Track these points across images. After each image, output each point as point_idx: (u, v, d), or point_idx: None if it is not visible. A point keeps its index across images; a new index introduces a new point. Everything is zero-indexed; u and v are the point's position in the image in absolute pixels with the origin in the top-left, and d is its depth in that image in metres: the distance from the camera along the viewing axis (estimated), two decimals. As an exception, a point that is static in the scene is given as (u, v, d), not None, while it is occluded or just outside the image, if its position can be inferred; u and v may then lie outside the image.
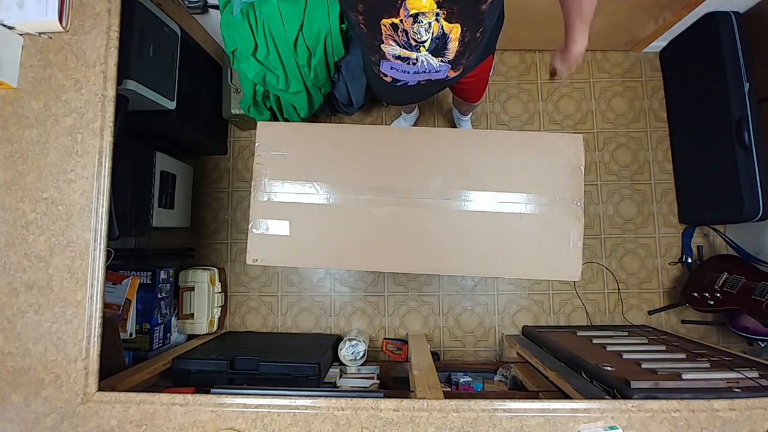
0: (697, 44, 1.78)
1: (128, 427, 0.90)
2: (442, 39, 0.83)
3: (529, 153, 1.27)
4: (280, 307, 1.99)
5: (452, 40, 0.84)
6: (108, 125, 0.99)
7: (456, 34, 0.83)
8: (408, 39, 0.83)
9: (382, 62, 0.95)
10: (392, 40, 0.85)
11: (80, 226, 0.96)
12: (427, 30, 0.80)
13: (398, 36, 0.83)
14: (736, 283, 1.62)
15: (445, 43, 0.85)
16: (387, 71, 0.98)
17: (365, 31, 0.85)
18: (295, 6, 1.33)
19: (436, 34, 0.81)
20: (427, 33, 0.81)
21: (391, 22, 0.79)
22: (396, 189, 1.25)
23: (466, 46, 0.88)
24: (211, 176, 2.07)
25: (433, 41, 0.83)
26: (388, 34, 0.83)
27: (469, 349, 1.93)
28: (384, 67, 0.97)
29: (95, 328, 0.94)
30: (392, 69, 0.96)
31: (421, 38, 0.82)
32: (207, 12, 1.64)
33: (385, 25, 0.81)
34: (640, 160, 2.00)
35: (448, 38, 0.83)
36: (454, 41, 0.85)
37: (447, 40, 0.84)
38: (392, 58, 0.91)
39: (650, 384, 1.08)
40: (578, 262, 1.23)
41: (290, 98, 1.57)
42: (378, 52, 0.91)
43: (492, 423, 0.87)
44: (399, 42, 0.85)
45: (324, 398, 0.91)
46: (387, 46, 0.87)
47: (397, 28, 0.80)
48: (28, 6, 0.99)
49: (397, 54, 0.89)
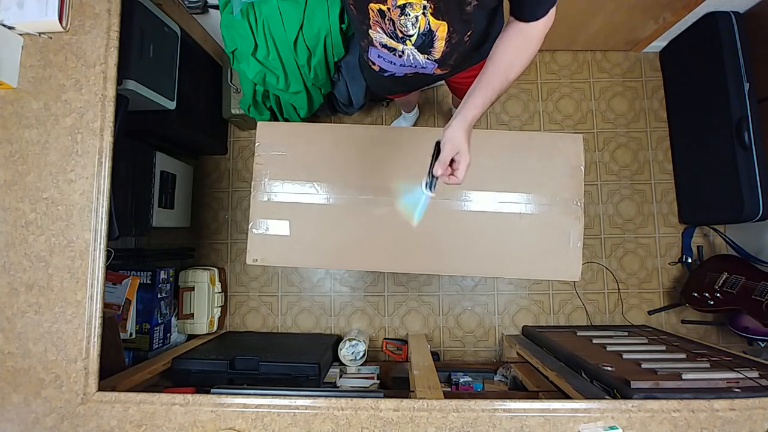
0: (697, 44, 1.78)
1: (128, 427, 0.90)
2: (428, 36, 0.82)
3: (529, 153, 1.27)
4: (280, 307, 1.99)
5: (439, 39, 0.83)
6: (108, 125, 0.99)
7: (443, 33, 0.81)
8: (395, 29, 0.82)
9: (371, 49, 0.94)
10: (379, 27, 0.84)
11: (80, 226, 0.96)
12: (413, 24, 0.79)
13: (385, 24, 0.82)
14: (736, 283, 1.62)
15: (431, 41, 0.83)
16: (375, 59, 0.98)
17: (355, 13, 0.84)
18: (295, 6, 1.33)
19: (423, 29, 0.80)
20: (413, 27, 0.80)
21: (379, 7, 0.78)
22: (396, 189, 1.25)
23: (453, 47, 0.87)
24: (211, 176, 2.07)
25: (420, 37, 0.82)
26: (375, 20, 0.82)
27: (469, 349, 1.93)
28: (372, 54, 0.96)
29: (95, 328, 0.94)
30: (379, 57, 0.96)
31: (408, 32, 0.81)
32: (207, 12, 1.64)
33: (373, 10, 0.80)
34: (640, 160, 2.00)
35: (435, 36, 0.82)
36: (441, 40, 0.83)
37: (433, 38, 0.83)
38: (379, 46, 0.91)
39: (650, 384, 1.08)
40: (578, 262, 1.23)
41: (290, 98, 1.57)
42: (366, 37, 0.90)
43: (492, 423, 0.87)
44: (386, 30, 0.84)
45: (324, 398, 0.91)
46: (374, 32, 0.86)
47: (385, 15, 0.79)
48: (28, 6, 0.99)
49: (384, 42, 0.88)
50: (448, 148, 0.77)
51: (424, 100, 2.03)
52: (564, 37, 1.92)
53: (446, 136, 0.77)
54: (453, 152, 0.77)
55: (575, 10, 1.69)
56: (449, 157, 0.77)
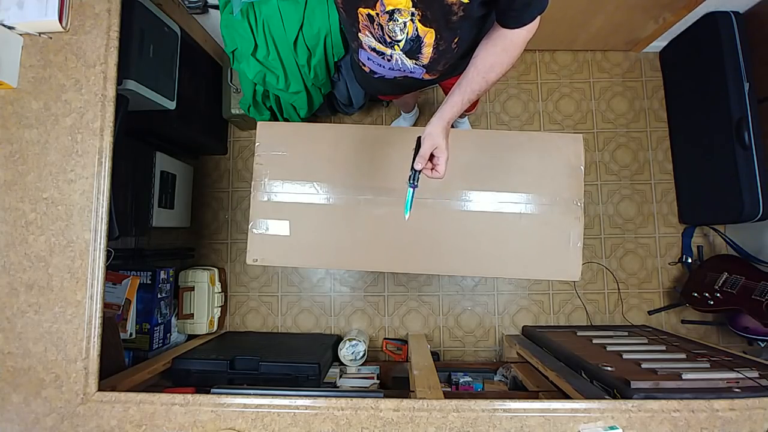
0: (697, 44, 1.78)
1: (128, 427, 0.90)
2: (416, 42, 0.82)
3: (529, 153, 1.27)
4: (280, 307, 1.99)
5: (426, 45, 0.83)
6: (108, 125, 0.99)
7: (430, 40, 0.82)
8: (383, 34, 0.82)
9: (360, 51, 0.95)
10: (368, 31, 0.84)
11: (80, 226, 0.96)
12: (402, 30, 0.79)
13: (374, 28, 0.82)
14: (736, 283, 1.62)
15: (419, 47, 0.84)
16: (365, 61, 0.98)
17: (344, 16, 0.85)
18: (295, 6, 1.33)
19: (411, 35, 0.81)
20: (402, 33, 0.80)
21: (368, 12, 0.78)
22: (396, 189, 1.25)
23: (441, 54, 0.87)
24: (211, 176, 2.07)
25: (408, 42, 0.83)
26: (364, 24, 0.83)
27: (469, 349, 1.93)
28: (362, 56, 0.97)
29: (95, 328, 0.94)
30: (369, 60, 0.96)
31: (396, 37, 0.82)
32: (207, 12, 1.64)
33: (362, 14, 0.80)
34: (640, 160, 2.00)
35: (423, 42, 0.82)
36: (428, 47, 0.84)
37: (421, 45, 0.83)
38: (369, 49, 0.91)
39: (650, 384, 1.08)
40: (578, 262, 1.23)
41: (290, 98, 1.57)
42: (356, 39, 0.91)
43: (492, 423, 0.87)
44: (374, 35, 0.84)
45: (324, 398, 0.91)
46: (363, 35, 0.87)
47: (374, 20, 0.80)
48: (28, 6, 0.99)
49: (373, 46, 0.89)
50: (426, 144, 0.83)
51: (423, 101, 2.03)
52: (564, 37, 1.92)
53: (425, 132, 0.83)
54: (431, 148, 0.83)
55: (575, 10, 1.69)
56: (428, 152, 0.83)
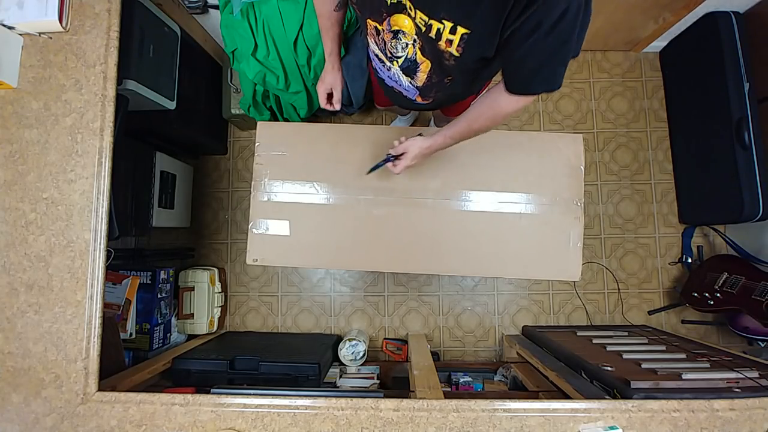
0: (697, 44, 1.78)
1: (128, 427, 0.90)
2: (413, 64, 0.86)
3: (529, 153, 1.27)
4: (280, 307, 1.99)
5: (422, 71, 0.87)
6: (108, 125, 0.99)
7: (426, 68, 0.85)
8: (385, 47, 0.86)
9: (368, 50, 0.98)
10: (373, 40, 0.88)
11: (80, 226, 0.96)
12: (403, 48, 0.83)
13: (378, 40, 0.85)
14: (736, 283, 1.62)
15: (416, 69, 0.87)
16: (372, 57, 1.01)
17: (358, 13, 0.87)
18: (295, 6, 1.33)
19: (410, 56, 0.84)
20: (403, 51, 0.83)
21: (375, 25, 0.82)
22: (396, 189, 1.25)
23: (433, 84, 0.90)
24: (211, 176, 2.07)
25: (407, 61, 0.86)
26: (371, 33, 0.86)
27: (469, 349, 1.93)
28: (370, 53, 1.00)
29: (95, 328, 0.94)
30: (373, 60, 0.99)
31: (397, 53, 0.85)
32: (207, 12, 1.64)
33: (370, 25, 0.83)
34: (640, 160, 2.00)
35: (419, 68, 0.86)
36: (423, 73, 0.87)
37: (417, 69, 0.86)
38: (372, 53, 0.95)
39: (650, 384, 1.08)
40: (578, 262, 1.23)
41: (290, 98, 1.57)
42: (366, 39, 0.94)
43: (492, 423, 0.87)
44: (378, 45, 0.87)
45: (324, 398, 0.91)
46: (370, 40, 0.90)
47: (379, 33, 0.83)
48: (28, 6, 0.99)
49: (376, 53, 0.92)
50: (405, 144, 0.99)
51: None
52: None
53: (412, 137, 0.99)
54: (404, 150, 0.99)
55: (575, 10, 1.69)
56: (400, 150, 1.00)
